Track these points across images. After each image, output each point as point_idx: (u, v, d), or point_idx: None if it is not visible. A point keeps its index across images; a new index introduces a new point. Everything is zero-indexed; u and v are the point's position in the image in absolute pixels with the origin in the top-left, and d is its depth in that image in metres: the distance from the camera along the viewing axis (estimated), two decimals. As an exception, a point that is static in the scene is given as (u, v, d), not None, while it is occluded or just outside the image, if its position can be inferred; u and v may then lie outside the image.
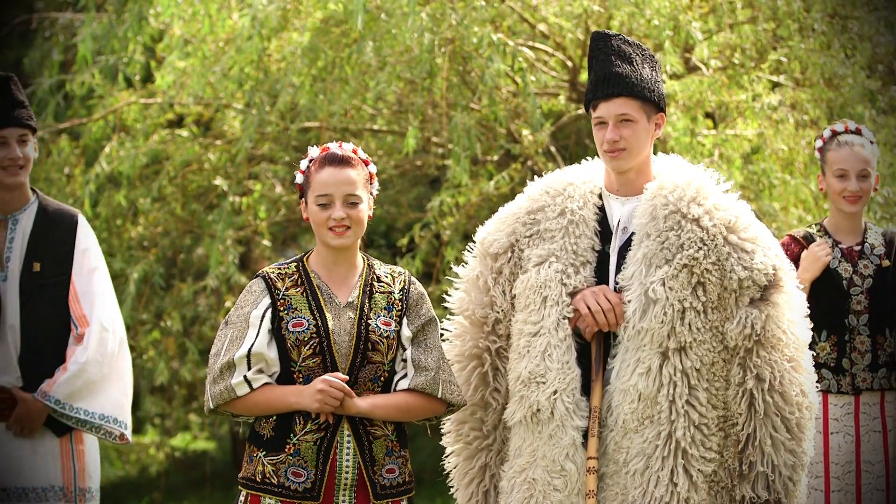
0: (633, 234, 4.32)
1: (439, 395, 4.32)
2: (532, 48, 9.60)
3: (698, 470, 4.19)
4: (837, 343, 5.39)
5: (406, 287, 4.40)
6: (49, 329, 5.29)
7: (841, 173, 5.40)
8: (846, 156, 5.39)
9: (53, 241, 5.34)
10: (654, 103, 4.33)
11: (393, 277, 4.41)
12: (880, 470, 5.40)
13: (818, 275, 5.39)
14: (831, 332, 5.41)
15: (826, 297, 5.38)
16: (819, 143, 5.49)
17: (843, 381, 5.39)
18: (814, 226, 5.54)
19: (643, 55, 4.36)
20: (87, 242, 5.39)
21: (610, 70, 4.31)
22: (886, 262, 5.43)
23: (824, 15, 8.66)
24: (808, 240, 5.47)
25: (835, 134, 5.45)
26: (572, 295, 4.31)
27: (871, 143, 5.44)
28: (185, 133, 10.48)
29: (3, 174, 5.26)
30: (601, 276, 4.35)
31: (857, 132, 5.43)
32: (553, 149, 9.68)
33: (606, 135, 4.30)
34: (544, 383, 4.28)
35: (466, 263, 4.55)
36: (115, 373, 5.32)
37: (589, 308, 4.25)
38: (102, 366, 5.26)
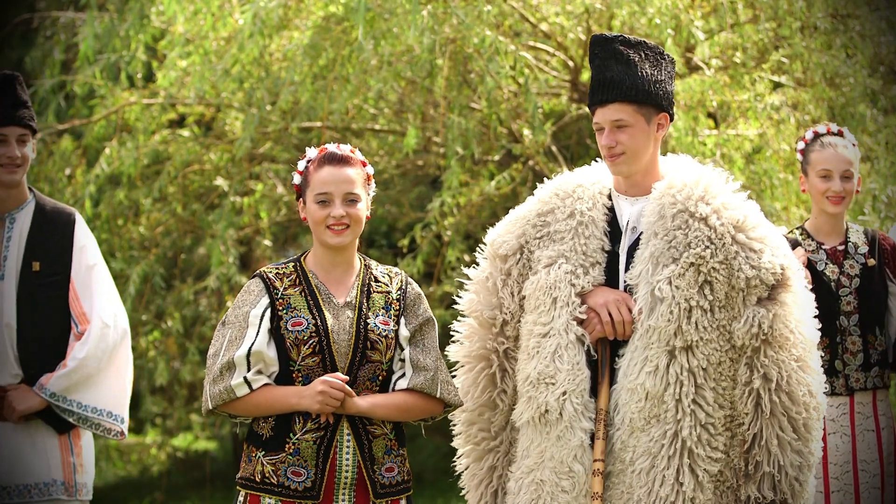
0: (641, 233, 4.30)
1: (438, 395, 4.32)
2: (533, 48, 9.59)
3: (704, 469, 4.17)
4: (829, 345, 5.39)
5: (403, 287, 4.40)
6: (49, 328, 5.30)
7: (825, 174, 5.41)
8: (830, 157, 5.41)
9: (51, 240, 5.36)
10: (654, 104, 4.29)
11: (390, 277, 4.41)
12: (876, 468, 5.41)
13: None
14: (823, 334, 5.39)
15: (816, 300, 5.38)
16: (801, 145, 5.51)
17: (836, 383, 5.40)
18: (796, 230, 5.54)
19: (644, 54, 4.30)
20: (84, 240, 5.41)
21: (603, 75, 4.28)
22: (872, 262, 5.44)
23: (826, 14, 8.65)
24: (794, 245, 5.46)
25: (817, 135, 5.47)
26: (582, 295, 4.29)
27: (854, 145, 5.47)
28: (186, 133, 10.47)
29: (2, 172, 5.29)
30: (610, 275, 4.33)
31: (840, 134, 5.46)
32: (554, 148, 9.67)
33: (603, 140, 4.29)
34: (553, 384, 4.26)
35: (476, 265, 4.53)
36: (113, 367, 5.34)
37: (611, 316, 4.25)
38: (101, 360, 5.28)
